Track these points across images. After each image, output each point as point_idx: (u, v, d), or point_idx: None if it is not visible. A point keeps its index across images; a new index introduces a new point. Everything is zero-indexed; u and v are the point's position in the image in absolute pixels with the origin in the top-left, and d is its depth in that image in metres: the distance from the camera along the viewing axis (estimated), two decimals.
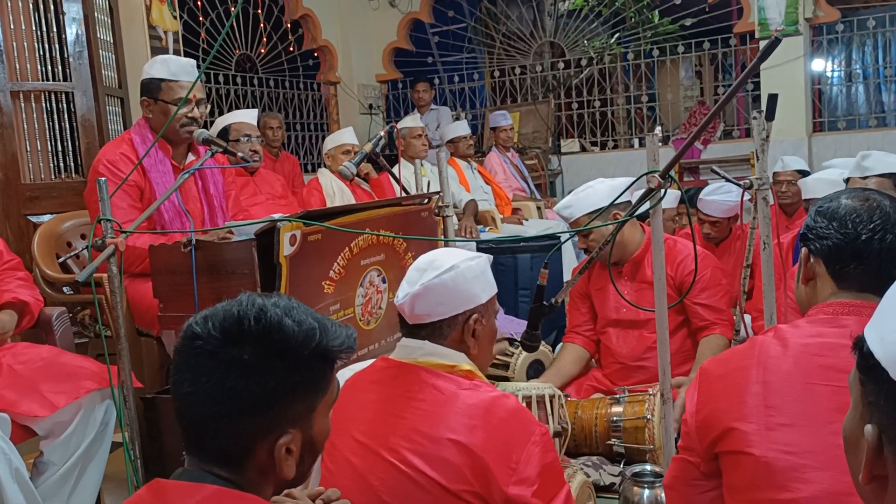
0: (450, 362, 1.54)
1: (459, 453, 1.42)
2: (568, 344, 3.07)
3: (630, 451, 2.56)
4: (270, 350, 0.97)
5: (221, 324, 0.98)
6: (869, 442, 0.73)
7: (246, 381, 0.96)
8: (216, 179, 2.79)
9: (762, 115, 2.14)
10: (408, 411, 1.49)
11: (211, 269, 2.18)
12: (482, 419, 1.45)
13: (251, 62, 6.54)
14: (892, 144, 5.70)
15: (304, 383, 1.00)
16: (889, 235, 1.30)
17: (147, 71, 2.63)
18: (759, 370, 1.30)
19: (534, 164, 6.23)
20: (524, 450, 1.43)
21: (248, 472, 1.00)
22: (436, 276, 1.53)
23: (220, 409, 0.97)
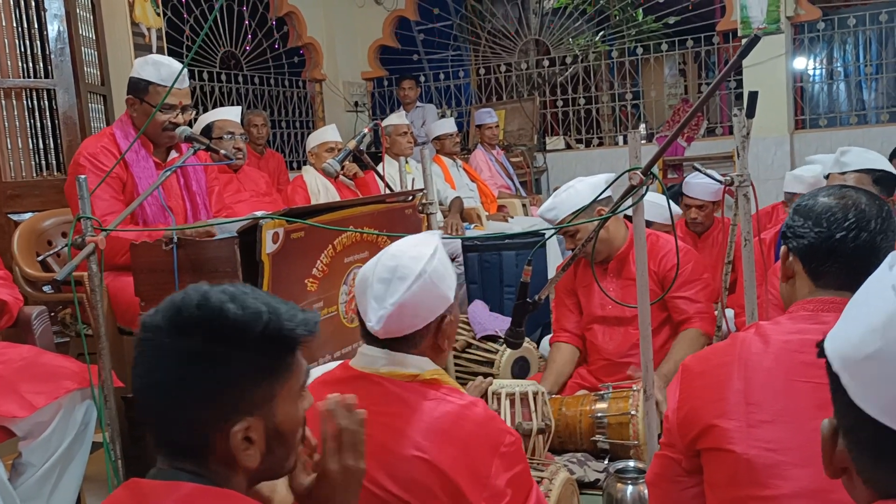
0: (414, 371, 1.46)
1: (428, 471, 1.37)
2: (559, 344, 3.06)
3: (614, 447, 2.57)
4: (214, 337, 0.95)
5: (165, 314, 0.96)
6: (824, 435, 0.77)
7: (192, 369, 0.94)
8: (199, 176, 2.77)
9: (743, 112, 2.16)
10: (373, 427, 1.36)
11: (193, 267, 2.16)
12: (449, 433, 1.40)
13: (236, 59, 6.51)
14: (872, 141, 5.76)
15: (255, 369, 0.97)
16: (864, 233, 1.31)
17: (137, 70, 2.60)
18: (740, 367, 1.30)
19: (519, 161, 6.24)
20: (493, 462, 1.39)
21: (213, 465, 0.98)
22: (406, 288, 1.42)
23: (171, 400, 0.95)
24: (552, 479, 2.00)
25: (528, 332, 3.44)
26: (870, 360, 0.70)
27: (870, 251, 1.31)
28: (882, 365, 0.70)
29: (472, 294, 4.15)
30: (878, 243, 1.31)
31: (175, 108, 2.57)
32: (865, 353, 0.71)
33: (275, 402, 0.99)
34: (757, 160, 5.59)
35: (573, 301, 3.06)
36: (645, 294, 2.03)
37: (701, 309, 2.82)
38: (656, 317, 2.91)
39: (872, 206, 1.33)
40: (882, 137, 5.72)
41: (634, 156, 2.03)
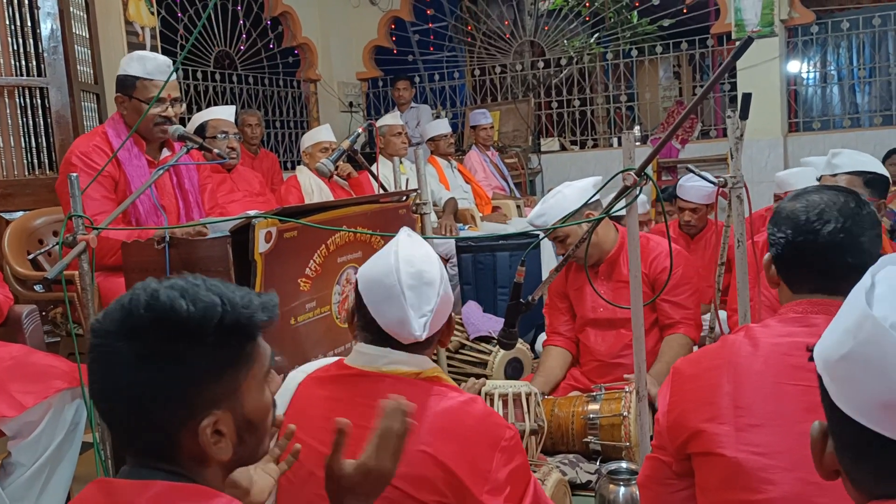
0: (416, 369, 1.49)
1: (431, 465, 1.40)
2: (551, 347, 3.06)
3: (606, 448, 2.57)
4: (168, 336, 0.91)
5: (114, 318, 0.93)
6: (813, 437, 0.79)
7: (149, 372, 0.91)
8: (191, 175, 2.76)
9: (736, 114, 2.16)
10: (375, 422, 1.44)
11: (185, 266, 2.15)
12: (451, 429, 1.42)
13: (230, 59, 6.49)
14: (865, 144, 5.78)
15: (215, 363, 0.94)
16: (824, 234, 1.31)
17: (123, 67, 2.60)
18: (729, 370, 1.30)
19: (514, 162, 6.24)
20: (494, 456, 1.42)
21: (185, 462, 0.96)
22: (437, 294, 1.48)
23: (133, 405, 0.93)
24: (544, 479, 2.00)
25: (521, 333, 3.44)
26: (844, 361, 0.73)
27: (832, 250, 1.31)
28: (854, 365, 0.72)
29: (466, 295, 4.15)
30: (839, 241, 1.30)
31: (164, 101, 2.56)
32: (840, 354, 0.74)
33: (240, 392, 0.97)
34: (751, 162, 5.60)
35: (565, 305, 3.06)
36: (638, 296, 2.03)
37: (687, 315, 2.82)
38: (647, 318, 2.90)
39: (834, 206, 1.33)
40: (875, 140, 5.75)
41: (628, 157, 2.03)
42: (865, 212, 1.33)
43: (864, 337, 0.72)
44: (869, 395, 0.71)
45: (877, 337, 0.71)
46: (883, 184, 2.30)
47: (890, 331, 0.70)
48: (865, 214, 1.33)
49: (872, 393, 0.71)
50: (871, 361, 0.71)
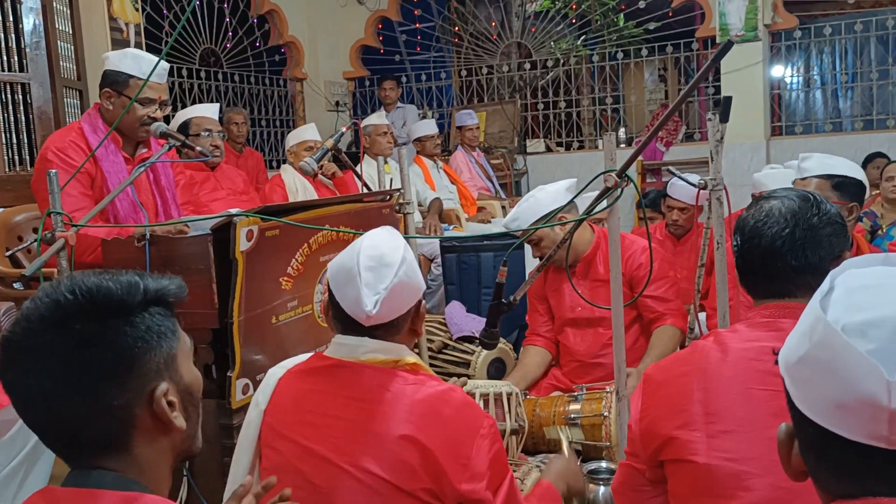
0: (394, 357, 1.52)
1: (413, 450, 1.41)
2: (530, 346, 3.09)
3: (587, 448, 2.58)
4: (99, 312, 0.93)
5: (37, 314, 0.93)
6: (780, 439, 0.80)
7: (92, 351, 0.92)
8: (167, 172, 2.75)
9: (717, 116, 2.18)
10: (359, 414, 1.46)
11: (165, 264, 2.14)
12: (431, 415, 1.44)
13: (216, 57, 6.46)
14: (846, 149, 5.83)
15: (149, 333, 0.96)
16: (763, 240, 1.34)
17: (115, 63, 2.57)
18: (699, 377, 1.31)
19: (500, 163, 6.26)
20: (473, 444, 1.44)
21: (138, 447, 0.96)
22: (394, 274, 1.49)
23: (79, 396, 0.92)
24: (524, 479, 2.00)
25: (504, 333, 3.46)
26: (800, 364, 0.75)
27: (772, 254, 1.33)
28: (809, 367, 0.74)
29: (450, 295, 4.15)
30: (780, 245, 1.33)
31: (154, 103, 2.54)
32: (797, 357, 0.76)
33: (178, 362, 1.00)
34: (734, 165, 5.64)
35: (544, 306, 3.09)
36: (618, 295, 2.04)
37: (671, 306, 2.85)
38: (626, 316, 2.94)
39: (781, 211, 1.35)
40: (856, 145, 5.80)
41: (610, 158, 2.05)
42: (817, 215, 1.34)
43: (817, 339, 0.73)
44: (823, 396, 0.72)
45: (828, 339, 0.72)
46: (854, 187, 2.32)
47: (840, 333, 0.71)
48: (816, 217, 1.34)
49: (826, 394, 0.72)
50: (823, 363, 0.72)
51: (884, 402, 0.68)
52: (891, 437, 0.69)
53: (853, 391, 0.70)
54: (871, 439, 0.70)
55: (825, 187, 2.29)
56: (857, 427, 0.70)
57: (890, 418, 0.68)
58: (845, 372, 0.70)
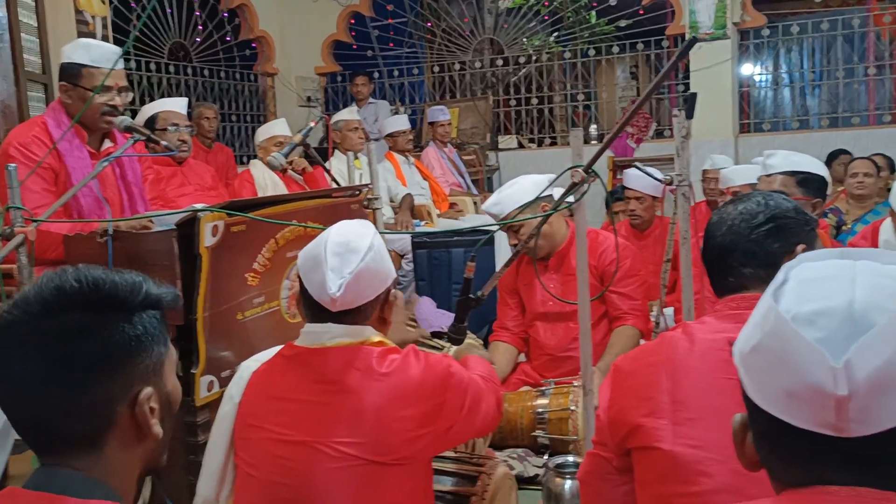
0: (359, 339, 1.56)
1: (392, 422, 1.48)
2: (498, 343, 3.10)
3: (555, 442, 2.60)
4: (101, 305, 0.92)
5: (37, 299, 0.91)
6: (735, 428, 0.82)
7: (87, 343, 0.90)
8: (134, 166, 2.71)
9: (682, 113, 2.20)
10: (327, 394, 1.51)
11: (129, 260, 2.11)
12: (400, 383, 1.52)
13: (185, 51, 6.38)
14: (813, 145, 5.92)
15: (145, 335, 0.95)
16: (715, 239, 1.42)
17: (68, 55, 2.53)
18: (667, 366, 1.33)
19: (472, 159, 6.26)
20: (446, 390, 1.56)
21: (112, 449, 0.94)
22: (360, 259, 1.53)
23: (66, 387, 0.90)
24: (490, 473, 2.01)
25: (474, 328, 3.46)
26: (752, 353, 0.77)
27: (721, 253, 1.41)
28: (760, 357, 0.76)
29: (421, 291, 4.16)
30: (727, 242, 1.40)
31: (111, 90, 2.50)
32: (750, 347, 0.78)
33: (164, 370, 0.99)
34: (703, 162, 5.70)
35: (515, 300, 3.10)
36: (585, 290, 2.06)
37: (635, 306, 2.88)
38: (596, 311, 2.96)
39: (730, 213, 1.43)
40: (822, 142, 5.89)
41: (577, 154, 2.06)
42: (763, 212, 1.41)
43: (768, 329, 0.75)
44: (774, 385, 0.74)
45: (778, 328, 0.74)
46: (818, 182, 2.36)
47: (790, 323, 0.72)
48: (763, 214, 1.40)
49: (777, 383, 0.74)
50: (774, 352, 0.74)
51: (830, 388, 0.69)
52: (838, 423, 0.70)
53: (801, 379, 0.71)
54: (819, 427, 0.71)
55: (790, 183, 2.33)
56: (806, 415, 0.72)
57: (837, 405, 0.69)
58: (794, 360, 0.72)
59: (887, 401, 0.70)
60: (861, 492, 0.72)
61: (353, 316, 1.56)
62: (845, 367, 0.69)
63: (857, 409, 0.70)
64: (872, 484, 0.72)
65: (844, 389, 0.69)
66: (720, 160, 4.38)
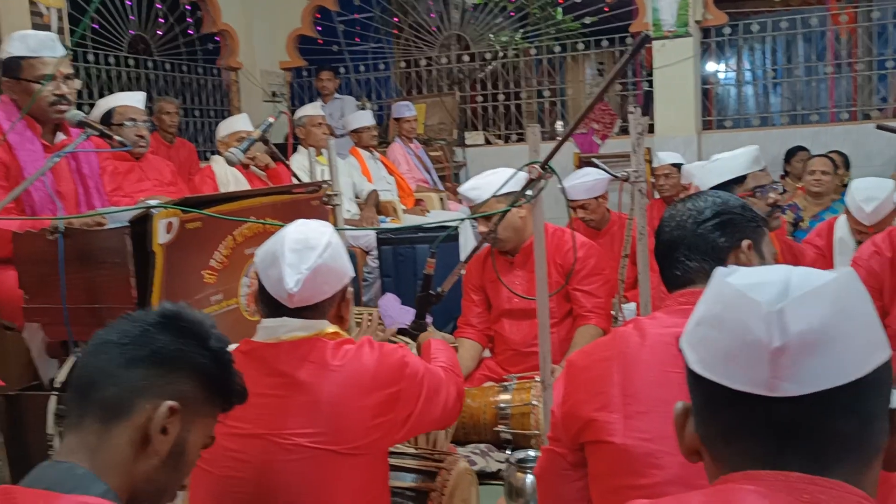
0: (314, 332, 1.57)
1: (347, 410, 1.50)
2: (463, 339, 3.10)
3: (517, 437, 2.61)
4: (191, 329, 1.08)
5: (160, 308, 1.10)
6: (676, 415, 0.83)
7: (162, 336, 1.05)
8: (90, 159, 2.66)
9: (638, 110, 2.22)
10: (281, 387, 1.52)
11: (80, 257, 2.07)
12: (353, 373, 1.53)
13: (145, 44, 6.27)
14: (773, 142, 6.02)
15: (201, 371, 1.07)
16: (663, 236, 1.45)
17: (5, 50, 2.47)
18: (619, 361, 1.34)
19: (439, 155, 6.26)
20: (402, 378, 1.57)
21: (116, 436, 0.99)
22: (318, 256, 1.55)
23: (126, 354, 1.02)
24: (450, 469, 2.01)
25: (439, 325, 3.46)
26: (698, 325, 0.80)
27: (669, 248, 1.43)
28: (704, 326, 0.79)
29: (386, 287, 4.14)
30: (675, 238, 1.43)
31: (56, 79, 2.45)
32: (695, 320, 0.81)
33: (198, 416, 1.07)
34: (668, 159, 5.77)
35: (480, 297, 3.10)
36: (543, 285, 2.06)
37: (598, 304, 2.90)
38: (562, 308, 2.97)
39: (676, 210, 1.46)
40: (782, 139, 6.00)
41: (534, 150, 2.07)
42: (709, 207, 1.43)
43: (712, 297, 0.79)
44: (714, 348, 0.77)
45: (721, 293, 0.78)
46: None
47: (731, 283, 0.77)
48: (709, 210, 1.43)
49: (717, 346, 0.76)
50: (716, 317, 0.77)
51: (764, 339, 0.72)
52: (772, 380, 0.72)
53: (739, 336, 0.74)
54: (753, 386, 0.73)
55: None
56: (742, 374, 0.74)
57: (771, 358, 0.72)
58: (733, 318, 0.75)
59: (819, 360, 0.71)
60: (790, 476, 0.73)
61: (310, 312, 1.57)
62: (779, 315, 0.72)
63: (788, 364, 0.71)
64: (799, 456, 0.73)
65: (777, 340, 0.72)
66: (666, 156, 4.42)
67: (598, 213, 3.81)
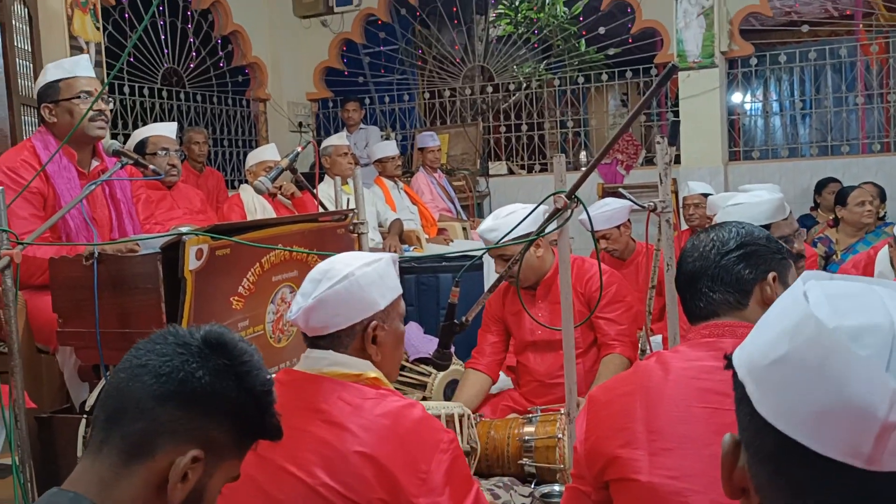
0: (355, 371, 1.53)
1: (368, 465, 1.42)
2: (469, 371, 3.08)
3: (541, 470, 2.58)
4: (233, 367, 1.01)
5: (204, 332, 1.03)
6: (725, 450, 0.73)
7: (200, 373, 0.98)
8: (123, 186, 2.73)
9: (665, 140, 2.22)
10: (314, 424, 1.47)
11: (114, 283, 2.11)
12: (389, 430, 1.45)
13: (178, 76, 6.42)
14: (802, 174, 5.99)
15: (235, 414, 1.02)
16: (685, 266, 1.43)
17: (41, 80, 2.57)
18: (642, 396, 1.32)
19: (462, 185, 6.29)
20: (433, 458, 1.44)
21: (137, 476, 0.96)
22: (329, 287, 1.52)
23: (160, 387, 0.97)
24: None
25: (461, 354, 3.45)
26: (777, 364, 0.66)
27: (691, 279, 1.41)
28: (788, 369, 0.65)
29: (409, 316, 4.13)
30: (697, 269, 1.41)
31: (91, 96, 2.52)
32: (772, 358, 0.67)
33: (223, 461, 1.02)
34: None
35: (498, 328, 3.09)
36: (569, 316, 2.06)
37: (622, 332, 2.88)
38: (586, 338, 2.96)
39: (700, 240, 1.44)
40: (812, 170, 5.95)
41: (559, 180, 2.07)
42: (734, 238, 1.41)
43: (804, 339, 0.64)
44: (802, 402, 0.64)
45: (821, 339, 0.63)
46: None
47: (834, 333, 0.63)
48: (734, 241, 1.41)
49: (806, 400, 0.64)
50: (810, 365, 0.63)
51: (881, 413, 0.60)
52: (872, 454, 0.61)
53: (844, 398, 0.61)
54: (846, 456, 0.61)
55: None
56: (836, 440, 0.62)
57: (880, 433, 0.60)
58: (838, 375, 0.62)
59: None
60: None
61: (326, 342, 1.56)
62: None
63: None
64: None
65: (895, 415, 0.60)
66: (696, 186, 4.40)
67: (621, 243, 3.79)
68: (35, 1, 4.31)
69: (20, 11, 4.10)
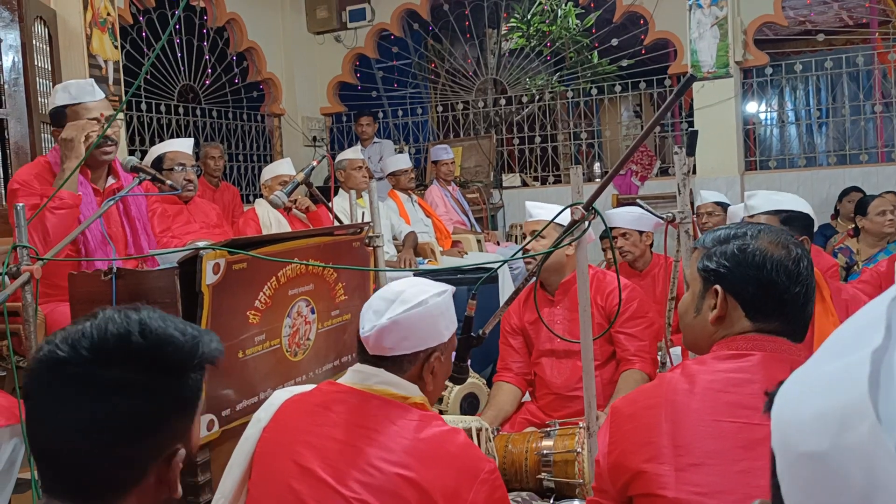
0: (404, 393, 1.54)
1: (409, 488, 1.42)
2: (501, 383, 3.06)
3: (560, 485, 2.55)
4: (160, 365, 0.90)
5: (96, 344, 0.88)
6: None
7: (133, 402, 0.88)
8: (139, 202, 2.74)
9: (683, 150, 2.21)
10: (361, 441, 1.48)
11: (132, 297, 2.11)
12: (432, 456, 1.45)
13: (194, 93, 6.49)
14: (820, 183, 5.94)
15: (190, 395, 0.94)
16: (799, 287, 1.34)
17: (52, 102, 2.60)
18: (667, 409, 1.30)
19: (475, 197, 6.29)
20: (472, 488, 1.44)
21: (129, 501, 0.92)
22: (405, 310, 1.52)
23: (103, 439, 0.88)
24: None
25: (478, 367, 3.44)
26: (809, 459, 0.51)
27: (802, 301, 1.34)
28: (821, 468, 0.50)
29: None
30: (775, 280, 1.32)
31: (98, 122, 2.55)
32: (806, 450, 0.51)
33: (194, 426, 0.97)
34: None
35: (519, 341, 3.07)
36: (588, 328, 2.04)
37: (642, 348, 2.84)
38: (604, 350, 2.93)
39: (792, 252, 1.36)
40: (830, 180, 5.91)
41: (577, 191, 2.07)
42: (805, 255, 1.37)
43: (849, 443, 0.48)
44: None
45: (871, 448, 0.46)
46: (802, 220, 2.34)
47: (893, 450, 0.45)
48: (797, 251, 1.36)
49: None
50: (844, 475, 0.48)
51: None
52: None
53: None
54: None
55: (774, 223, 2.31)
56: None
57: None
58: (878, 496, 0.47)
59: None
60: None
61: (387, 363, 1.56)
62: None
63: None
64: None
65: None
66: (709, 195, 4.37)
67: (639, 249, 3.77)
68: (55, 21, 4.38)
69: (41, 31, 4.16)
